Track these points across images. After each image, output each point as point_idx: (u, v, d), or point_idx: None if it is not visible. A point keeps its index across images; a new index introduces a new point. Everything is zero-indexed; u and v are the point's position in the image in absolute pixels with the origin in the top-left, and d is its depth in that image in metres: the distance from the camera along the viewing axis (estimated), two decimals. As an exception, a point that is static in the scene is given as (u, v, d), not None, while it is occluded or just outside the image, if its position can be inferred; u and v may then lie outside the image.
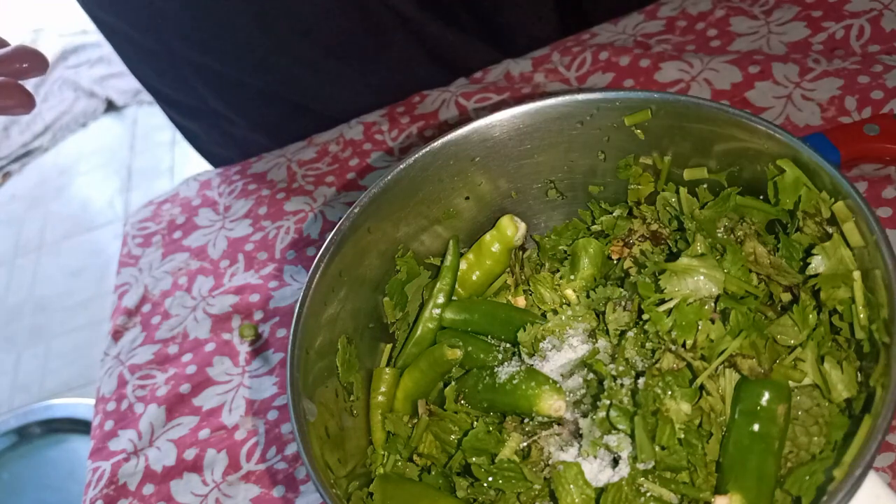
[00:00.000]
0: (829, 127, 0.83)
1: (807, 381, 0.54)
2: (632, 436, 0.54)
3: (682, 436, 0.54)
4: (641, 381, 0.55)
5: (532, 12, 1.08)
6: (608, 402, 0.56)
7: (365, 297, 0.68)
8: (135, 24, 1.07)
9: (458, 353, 0.66)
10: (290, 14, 1.01)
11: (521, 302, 0.72)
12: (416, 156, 0.67)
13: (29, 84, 0.68)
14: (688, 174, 0.66)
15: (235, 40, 1.05)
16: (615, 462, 0.55)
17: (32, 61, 0.66)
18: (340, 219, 0.65)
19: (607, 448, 0.55)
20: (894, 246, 0.50)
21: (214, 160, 1.28)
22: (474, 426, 0.62)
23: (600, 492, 0.54)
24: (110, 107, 3.21)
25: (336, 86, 1.11)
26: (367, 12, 1.03)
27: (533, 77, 1.02)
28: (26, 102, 0.64)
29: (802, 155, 0.57)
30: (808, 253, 0.57)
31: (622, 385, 0.56)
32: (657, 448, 0.53)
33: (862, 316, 0.52)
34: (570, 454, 0.57)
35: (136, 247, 1.09)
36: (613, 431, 0.55)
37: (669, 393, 0.54)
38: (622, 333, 0.61)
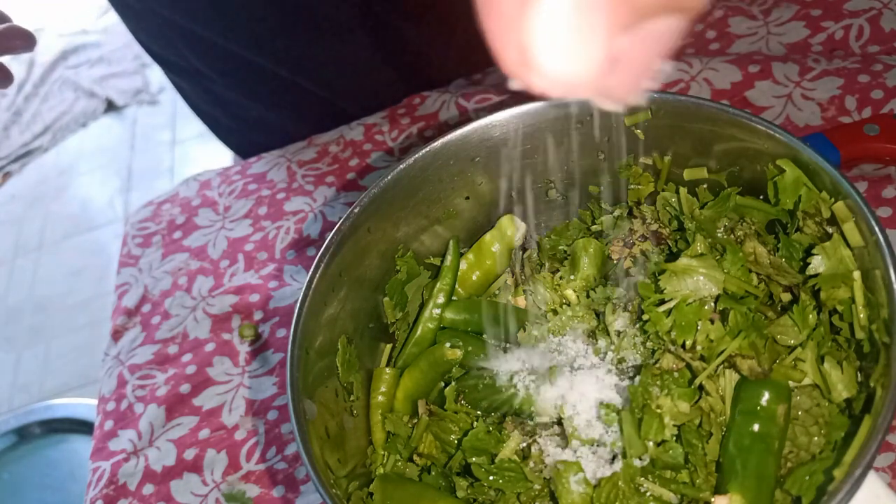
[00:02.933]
0: (829, 127, 0.83)
1: (807, 381, 0.54)
2: (620, 430, 0.54)
3: (675, 431, 0.54)
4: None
5: None
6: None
7: (365, 297, 0.68)
8: None
9: (458, 353, 0.66)
10: None
11: (521, 302, 0.72)
12: (416, 156, 0.67)
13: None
14: (688, 174, 0.66)
15: (215, 4, 1.05)
16: (614, 460, 0.55)
17: (21, 38, 0.70)
18: (340, 219, 0.65)
19: (604, 444, 0.55)
20: (894, 246, 0.50)
21: (204, 117, 1.30)
22: (474, 426, 0.62)
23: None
24: (110, 107, 3.20)
25: (313, 51, 1.11)
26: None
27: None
28: (2, 78, 0.68)
29: (802, 155, 0.57)
30: (808, 253, 0.57)
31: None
32: (650, 444, 0.53)
33: (862, 316, 0.52)
34: (570, 454, 0.57)
35: (136, 247, 1.09)
36: (607, 427, 0.56)
37: (666, 392, 0.55)
38: (622, 334, 0.61)
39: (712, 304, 0.57)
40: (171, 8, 1.08)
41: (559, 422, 0.59)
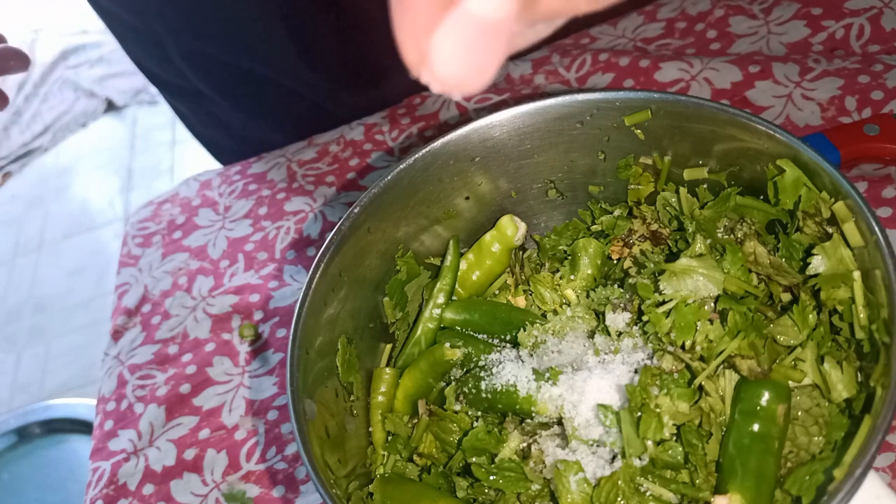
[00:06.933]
0: (829, 127, 0.83)
1: (807, 381, 0.54)
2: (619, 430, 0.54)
3: (674, 430, 0.54)
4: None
5: None
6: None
7: (365, 297, 0.68)
8: (121, 4, 1.08)
9: (458, 353, 0.66)
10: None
11: (521, 302, 0.72)
12: (416, 156, 0.67)
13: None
14: (688, 174, 0.66)
15: (212, 19, 1.05)
16: (614, 460, 0.55)
17: (15, 59, 0.70)
18: (340, 219, 0.65)
19: (604, 444, 0.55)
20: (894, 246, 0.50)
21: (204, 141, 1.31)
22: (474, 426, 0.62)
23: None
24: (110, 107, 3.20)
25: (312, 61, 1.11)
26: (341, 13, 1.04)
27: (533, 79, 1.02)
28: None
29: (802, 155, 0.57)
30: (808, 253, 0.57)
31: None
32: (649, 444, 0.53)
33: (862, 316, 0.52)
34: (570, 454, 0.57)
35: (136, 247, 1.09)
36: (604, 426, 0.56)
37: (665, 391, 0.55)
38: (622, 334, 0.61)
39: (712, 304, 0.57)
40: (170, 26, 1.07)
41: (559, 422, 0.59)
